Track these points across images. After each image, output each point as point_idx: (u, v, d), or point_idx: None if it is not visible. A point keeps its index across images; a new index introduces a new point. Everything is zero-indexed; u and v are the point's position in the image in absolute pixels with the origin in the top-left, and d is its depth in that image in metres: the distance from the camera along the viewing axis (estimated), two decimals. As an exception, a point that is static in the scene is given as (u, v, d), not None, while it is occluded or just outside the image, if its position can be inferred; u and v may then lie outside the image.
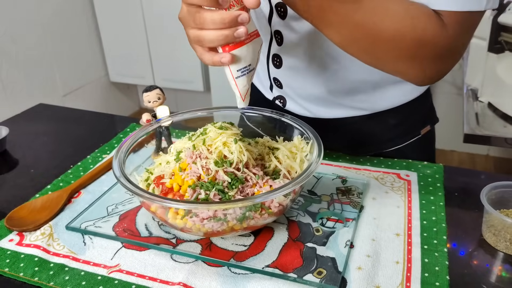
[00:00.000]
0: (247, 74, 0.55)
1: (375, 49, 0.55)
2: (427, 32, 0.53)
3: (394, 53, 0.55)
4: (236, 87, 0.56)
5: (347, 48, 0.57)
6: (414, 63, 0.56)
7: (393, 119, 0.79)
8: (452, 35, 0.54)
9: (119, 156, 0.61)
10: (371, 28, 0.53)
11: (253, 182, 0.58)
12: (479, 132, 1.13)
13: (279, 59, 0.77)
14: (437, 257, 0.57)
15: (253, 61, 0.54)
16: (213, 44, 0.51)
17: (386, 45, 0.54)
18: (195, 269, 0.56)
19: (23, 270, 0.57)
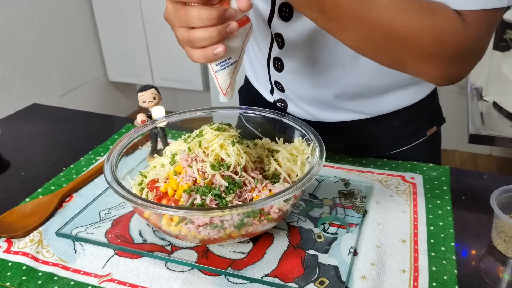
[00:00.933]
0: (227, 67, 0.51)
1: (393, 49, 0.53)
2: (447, 31, 0.51)
3: (413, 53, 0.52)
4: (216, 81, 0.53)
5: (364, 50, 0.55)
6: (434, 63, 0.53)
7: (399, 121, 0.77)
8: (474, 34, 0.51)
9: (111, 160, 0.58)
10: (388, 25, 0.50)
11: (251, 187, 0.55)
12: (484, 132, 1.10)
13: (281, 62, 0.74)
14: (445, 266, 0.54)
15: (234, 54, 0.51)
16: (205, 43, 0.49)
17: (404, 44, 0.51)
18: (190, 278, 0.53)
19: (10, 279, 0.54)
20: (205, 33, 0.48)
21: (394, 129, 0.77)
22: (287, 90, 0.77)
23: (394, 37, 0.51)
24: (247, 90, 0.91)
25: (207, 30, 0.48)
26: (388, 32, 0.51)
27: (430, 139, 0.80)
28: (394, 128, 0.77)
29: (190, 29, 0.48)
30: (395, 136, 0.78)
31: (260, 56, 0.78)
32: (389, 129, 0.77)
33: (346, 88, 0.72)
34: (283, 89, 0.77)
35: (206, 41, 0.48)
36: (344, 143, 0.78)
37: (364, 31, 0.52)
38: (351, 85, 0.71)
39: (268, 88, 0.82)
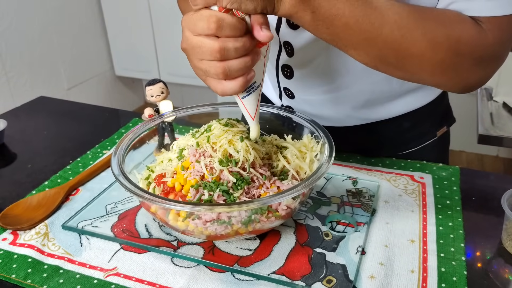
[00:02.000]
0: (253, 92, 0.50)
1: (408, 64, 0.51)
2: (463, 41, 0.49)
3: (429, 67, 0.51)
4: (244, 107, 0.51)
5: (377, 66, 0.53)
6: (452, 73, 0.52)
7: (408, 122, 0.75)
8: (492, 41, 0.50)
9: (118, 153, 0.58)
10: (400, 43, 0.49)
11: (259, 183, 0.54)
12: (493, 133, 1.09)
13: (290, 70, 0.72)
14: (454, 267, 0.53)
15: (258, 77, 0.49)
16: (242, 72, 0.46)
17: (419, 59, 0.50)
18: (196, 274, 0.53)
19: (16, 271, 0.54)
20: (240, 63, 0.45)
21: (404, 131, 0.76)
22: (297, 96, 0.75)
23: (408, 54, 0.49)
24: None
25: (242, 60, 0.45)
26: (400, 49, 0.49)
27: (440, 140, 0.79)
28: (404, 130, 0.76)
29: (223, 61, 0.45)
30: (405, 138, 0.77)
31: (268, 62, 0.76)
32: (399, 130, 0.76)
33: (358, 95, 0.71)
34: (293, 95, 0.76)
35: (242, 70, 0.46)
36: (352, 145, 0.77)
37: (376, 49, 0.50)
38: (363, 92, 0.70)
39: (276, 93, 0.80)
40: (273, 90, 0.81)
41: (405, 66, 0.51)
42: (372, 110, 0.73)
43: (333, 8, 0.46)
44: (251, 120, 0.53)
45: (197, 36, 0.45)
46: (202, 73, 0.48)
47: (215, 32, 0.43)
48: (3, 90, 2.06)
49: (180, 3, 0.75)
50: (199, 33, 0.44)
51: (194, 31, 0.45)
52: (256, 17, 0.45)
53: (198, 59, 0.46)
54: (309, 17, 0.47)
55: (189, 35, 0.45)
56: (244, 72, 0.46)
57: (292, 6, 0.46)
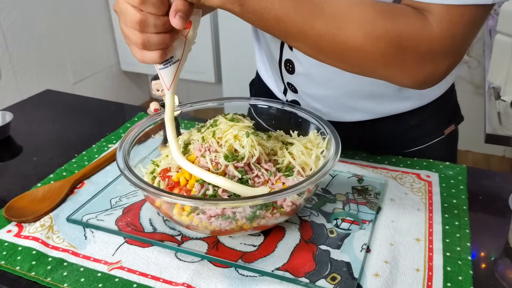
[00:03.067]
0: (170, 66, 0.52)
1: (347, 57, 0.50)
2: (404, 35, 0.47)
3: (370, 60, 0.49)
4: (161, 78, 0.53)
5: (320, 58, 0.52)
6: (397, 67, 0.50)
7: (416, 119, 0.75)
8: (439, 35, 0.47)
9: (123, 147, 0.58)
10: (335, 35, 0.47)
11: (265, 179, 0.54)
12: (501, 132, 1.08)
13: (292, 65, 0.72)
14: (460, 266, 0.53)
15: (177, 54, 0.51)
16: (159, 47, 0.48)
17: (357, 52, 0.48)
18: (200, 269, 0.53)
19: (20, 263, 0.54)
20: (159, 39, 0.48)
21: (411, 128, 0.75)
22: (300, 91, 0.75)
23: (345, 47, 0.48)
24: (259, 86, 0.90)
25: (161, 36, 0.48)
26: (337, 42, 0.48)
27: (447, 138, 0.78)
28: (411, 127, 0.75)
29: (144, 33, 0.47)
30: (412, 135, 0.76)
31: (272, 58, 0.77)
32: (406, 127, 0.75)
33: (360, 87, 0.70)
34: (297, 90, 0.76)
35: (160, 45, 0.48)
36: (358, 141, 0.77)
37: (312, 42, 0.49)
38: (365, 84, 0.69)
39: (281, 89, 0.80)
40: (278, 86, 0.81)
41: (347, 59, 0.50)
42: (376, 104, 0.72)
43: (262, 1, 0.46)
44: (166, 90, 0.54)
45: (125, 3, 0.47)
46: (126, 37, 0.50)
47: (138, 5, 0.45)
48: (10, 83, 2.06)
49: None
50: (127, 1, 0.46)
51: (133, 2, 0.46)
52: (175, 2, 0.46)
53: (124, 24, 0.48)
54: (238, 9, 0.47)
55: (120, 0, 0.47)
56: (162, 47, 0.49)
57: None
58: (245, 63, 2.13)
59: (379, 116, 0.74)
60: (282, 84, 0.78)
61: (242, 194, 0.51)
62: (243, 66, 2.17)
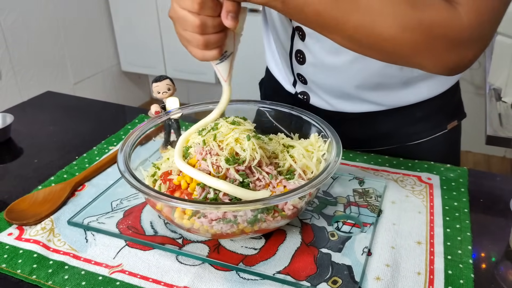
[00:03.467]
0: (225, 60, 0.56)
1: (383, 48, 0.52)
2: (435, 24, 0.50)
3: (405, 49, 0.52)
4: (218, 71, 0.57)
5: (355, 49, 0.55)
6: (428, 55, 0.53)
7: (421, 112, 0.77)
8: (467, 24, 0.50)
9: (124, 149, 0.58)
10: (372, 27, 0.50)
11: (266, 182, 0.54)
12: (502, 134, 1.08)
13: (302, 55, 0.74)
14: (461, 269, 0.53)
15: (230, 47, 0.55)
16: (217, 45, 0.53)
17: (392, 42, 0.51)
18: (201, 272, 0.53)
19: (21, 266, 0.54)
20: (217, 38, 0.52)
21: (415, 121, 0.77)
22: (310, 82, 0.77)
23: (380, 38, 0.51)
24: (268, 82, 0.92)
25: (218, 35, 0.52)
26: (373, 34, 0.51)
27: (450, 133, 0.79)
28: (416, 120, 0.77)
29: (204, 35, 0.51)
30: (416, 128, 0.78)
31: (282, 49, 0.79)
32: (410, 120, 0.77)
33: (369, 78, 0.72)
34: (306, 81, 0.77)
35: (218, 43, 0.53)
36: (364, 132, 0.79)
37: (349, 33, 0.52)
38: (374, 74, 0.71)
39: (290, 81, 0.82)
40: (287, 78, 0.83)
41: (381, 49, 0.53)
42: (384, 95, 0.74)
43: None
44: (223, 81, 0.58)
45: (182, 10, 0.50)
46: (185, 41, 0.53)
47: (198, 11, 0.49)
48: (10, 84, 2.06)
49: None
50: (184, 8, 0.50)
51: (180, 4, 0.50)
52: (226, 4, 0.50)
53: (182, 28, 0.52)
54: (280, 5, 0.50)
55: (176, 6, 0.51)
56: (219, 44, 0.53)
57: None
58: (246, 63, 2.13)
59: (386, 108, 0.76)
60: (292, 75, 0.80)
61: (243, 198, 0.51)
62: (244, 67, 2.17)
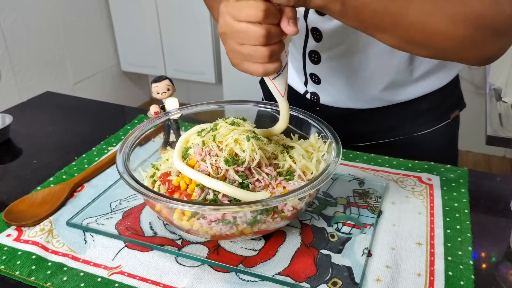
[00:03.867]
0: (282, 72, 0.53)
1: (433, 43, 0.54)
2: (481, 16, 0.52)
3: (453, 43, 0.54)
4: (274, 87, 0.54)
5: (404, 47, 0.56)
6: (473, 47, 0.55)
7: (425, 105, 0.78)
8: (509, 12, 0.52)
9: (123, 150, 0.58)
10: (425, 23, 0.52)
11: (265, 183, 0.54)
12: (502, 134, 1.08)
13: (317, 55, 0.75)
14: (462, 270, 0.53)
15: (284, 58, 0.52)
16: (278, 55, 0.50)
17: (442, 36, 0.53)
18: (201, 273, 0.53)
19: (20, 268, 0.54)
20: (280, 48, 0.49)
21: (421, 113, 0.79)
22: (324, 82, 0.78)
23: (432, 33, 0.52)
24: None
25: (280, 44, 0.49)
26: (425, 29, 0.52)
27: (451, 123, 0.82)
28: (421, 112, 0.79)
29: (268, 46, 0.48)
30: (421, 119, 0.80)
31: (294, 50, 0.79)
32: (416, 112, 0.79)
33: (383, 76, 0.74)
34: (319, 81, 0.78)
35: (279, 54, 0.50)
36: (370, 126, 0.81)
37: (403, 31, 0.52)
38: (387, 74, 0.73)
39: (302, 80, 0.83)
40: (298, 77, 0.84)
41: (430, 44, 0.54)
42: (394, 92, 0.76)
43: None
44: (281, 98, 0.56)
45: (240, 22, 0.47)
46: (241, 57, 0.50)
47: (262, 20, 0.46)
48: (10, 85, 2.06)
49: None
50: (243, 19, 0.47)
51: (237, 17, 0.47)
52: (287, 10, 0.47)
53: (238, 43, 0.48)
54: (340, 7, 0.49)
55: (229, 20, 0.48)
56: (280, 55, 0.50)
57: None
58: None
59: (395, 103, 0.78)
60: (304, 75, 0.81)
61: (243, 199, 0.51)
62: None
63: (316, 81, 0.79)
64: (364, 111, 0.79)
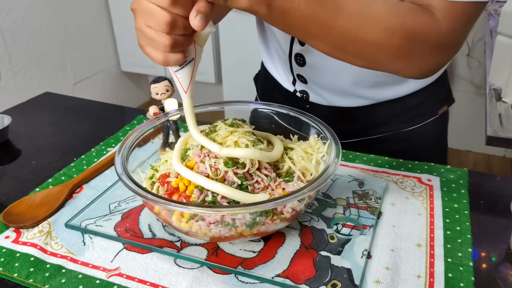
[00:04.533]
0: (186, 66, 0.51)
1: (365, 53, 0.53)
2: (416, 30, 0.51)
3: (386, 54, 0.53)
4: (177, 80, 0.53)
5: (336, 55, 0.55)
6: (408, 60, 0.54)
7: (413, 101, 0.79)
8: (446, 29, 0.52)
9: (122, 152, 0.57)
10: (357, 33, 0.51)
11: (264, 185, 0.54)
12: (502, 134, 1.07)
13: (302, 58, 0.76)
14: (462, 272, 0.53)
15: (191, 53, 0.51)
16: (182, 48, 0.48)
17: (375, 47, 0.52)
18: (200, 275, 0.52)
19: (18, 270, 0.53)
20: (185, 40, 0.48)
21: (408, 109, 0.80)
22: (310, 82, 0.79)
23: (365, 43, 0.51)
24: (265, 78, 0.92)
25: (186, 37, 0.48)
26: (357, 38, 0.51)
27: (440, 118, 0.83)
28: (409, 108, 0.80)
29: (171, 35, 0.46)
30: (409, 115, 0.81)
31: (281, 52, 0.80)
32: (404, 109, 0.80)
33: (368, 77, 0.74)
34: (306, 81, 0.79)
35: (185, 46, 0.49)
36: (359, 123, 0.81)
37: (333, 39, 0.51)
38: (373, 73, 0.73)
39: (290, 79, 0.83)
40: (286, 77, 0.84)
41: (363, 54, 0.53)
42: (381, 91, 0.77)
43: (289, 2, 0.48)
44: (184, 93, 0.54)
45: (150, 3, 0.45)
46: (145, 39, 0.48)
47: (168, 6, 0.44)
48: (9, 85, 2.06)
49: None
50: (152, 1, 0.45)
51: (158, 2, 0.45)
52: (200, 3, 0.46)
53: (145, 24, 0.47)
54: (265, 10, 0.48)
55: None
56: (184, 49, 0.49)
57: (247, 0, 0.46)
58: (245, 63, 2.13)
59: (381, 101, 0.79)
60: (291, 75, 0.82)
61: (242, 201, 0.50)
62: (244, 66, 2.17)
63: (303, 81, 0.80)
64: (352, 109, 0.80)
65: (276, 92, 0.88)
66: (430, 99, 0.81)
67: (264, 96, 0.94)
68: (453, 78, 2.24)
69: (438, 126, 0.84)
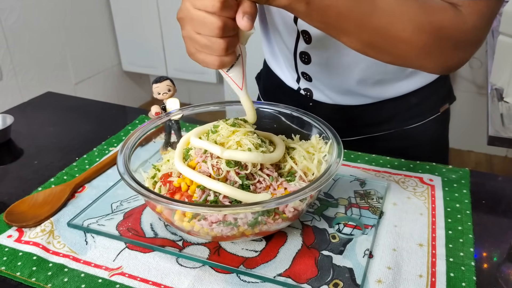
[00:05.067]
0: (235, 64, 0.52)
1: (396, 49, 0.54)
2: (444, 27, 0.52)
3: (415, 50, 0.54)
4: (230, 79, 0.53)
5: (367, 52, 0.56)
6: (435, 56, 0.55)
7: (415, 99, 0.80)
8: (471, 25, 0.53)
9: (124, 151, 0.57)
10: (389, 30, 0.52)
11: (266, 184, 0.54)
12: (504, 134, 1.07)
13: (308, 56, 0.76)
14: (463, 272, 0.53)
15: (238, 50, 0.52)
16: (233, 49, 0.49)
17: (406, 44, 0.53)
18: (202, 275, 0.53)
19: (20, 269, 0.54)
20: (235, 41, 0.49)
21: (411, 106, 0.80)
22: (314, 79, 0.79)
23: (396, 39, 0.53)
24: (267, 76, 0.92)
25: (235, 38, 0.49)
26: (389, 35, 0.52)
27: (441, 116, 0.83)
28: (411, 105, 0.80)
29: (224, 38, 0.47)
30: (411, 113, 0.81)
31: (286, 50, 0.80)
32: (406, 106, 0.80)
33: (372, 76, 0.75)
34: (311, 79, 0.79)
35: (234, 47, 0.50)
36: (362, 121, 0.82)
37: (367, 35, 0.53)
38: (377, 72, 0.74)
39: (294, 77, 0.84)
40: (290, 75, 0.85)
41: (393, 50, 0.54)
42: (384, 89, 0.78)
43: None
44: (239, 90, 0.54)
45: (198, 10, 0.46)
46: (197, 46, 0.49)
47: (218, 11, 0.45)
48: (11, 85, 2.06)
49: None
50: (200, 8, 0.46)
51: (195, 5, 0.46)
52: (245, 4, 0.47)
53: (195, 32, 0.48)
54: (304, 8, 0.48)
55: (189, 6, 0.47)
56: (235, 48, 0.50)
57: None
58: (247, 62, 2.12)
59: (384, 99, 0.79)
60: (296, 73, 0.82)
61: (244, 200, 0.50)
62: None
63: (307, 79, 0.80)
64: (355, 107, 0.80)
65: (279, 91, 0.88)
66: (432, 97, 0.81)
67: (267, 95, 0.94)
68: (455, 78, 2.24)
69: (439, 124, 0.85)
